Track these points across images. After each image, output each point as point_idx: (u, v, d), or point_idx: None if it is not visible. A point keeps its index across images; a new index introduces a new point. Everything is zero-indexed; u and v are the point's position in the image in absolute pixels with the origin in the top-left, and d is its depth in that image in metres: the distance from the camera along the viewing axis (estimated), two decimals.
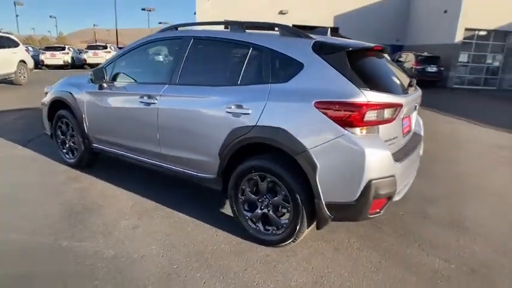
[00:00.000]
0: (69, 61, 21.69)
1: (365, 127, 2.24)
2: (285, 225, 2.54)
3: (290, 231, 2.50)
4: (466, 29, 16.99)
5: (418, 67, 16.04)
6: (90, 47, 23.21)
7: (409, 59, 17.32)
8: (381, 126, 2.32)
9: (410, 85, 2.83)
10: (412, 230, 3.01)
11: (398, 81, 2.72)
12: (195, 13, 22.99)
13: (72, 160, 4.10)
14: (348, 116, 2.20)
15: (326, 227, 2.47)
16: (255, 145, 2.55)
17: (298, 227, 2.45)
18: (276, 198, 2.54)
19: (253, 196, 2.66)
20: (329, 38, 2.74)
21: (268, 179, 2.53)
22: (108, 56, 21.56)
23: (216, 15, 20.58)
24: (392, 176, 2.31)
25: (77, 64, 22.30)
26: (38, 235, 2.69)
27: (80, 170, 4.05)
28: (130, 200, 3.38)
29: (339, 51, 2.40)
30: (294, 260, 2.51)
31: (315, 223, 2.46)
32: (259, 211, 2.65)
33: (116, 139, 3.54)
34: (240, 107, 2.56)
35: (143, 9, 52.02)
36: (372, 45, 2.68)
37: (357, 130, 2.22)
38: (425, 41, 19.21)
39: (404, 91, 2.66)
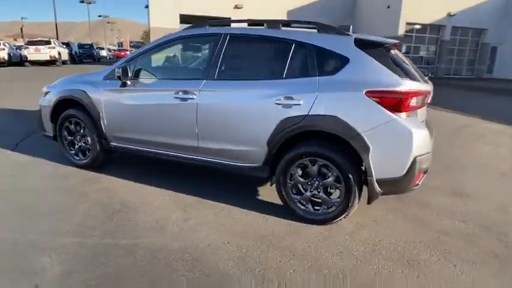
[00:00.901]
0: (6, 58, 19.72)
1: (409, 112, 2.58)
2: (336, 204, 2.81)
3: (342, 208, 2.78)
4: (407, 23, 18.58)
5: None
6: (30, 43, 21.29)
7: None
8: (418, 110, 2.69)
9: (425, 75, 3.24)
10: (428, 200, 3.46)
11: (417, 72, 3.11)
12: (146, 6, 22.21)
13: (84, 161, 3.97)
14: (397, 103, 2.52)
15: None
16: (304, 133, 2.77)
17: (350, 204, 2.74)
18: (327, 180, 2.79)
19: (302, 180, 2.89)
20: (362, 35, 3.02)
21: (319, 163, 2.78)
22: (53, 52, 20.04)
23: (171, 9, 20.13)
24: (429, 152, 2.69)
25: (14, 61, 20.38)
26: (89, 237, 2.65)
27: (91, 171, 3.94)
28: (165, 195, 3.41)
29: (377, 46, 2.71)
30: (346, 234, 2.80)
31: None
32: (309, 193, 2.90)
33: (141, 136, 3.53)
34: (290, 98, 2.76)
35: (82, 1, 48.54)
36: (396, 41, 3.03)
37: (403, 114, 2.55)
38: (371, 34, 20.58)
39: (425, 80, 3.05)
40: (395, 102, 2.52)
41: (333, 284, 2.22)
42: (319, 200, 2.90)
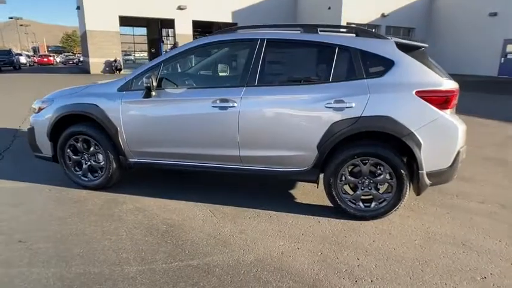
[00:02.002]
0: None
1: (452, 108, 2.83)
2: (387, 199, 2.97)
3: (394, 203, 2.95)
4: (347, 23, 19.81)
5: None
6: None
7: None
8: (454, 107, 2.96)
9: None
10: (447, 186, 3.80)
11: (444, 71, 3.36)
12: (78, 8, 20.59)
13: (96, 181, 3.62)
14: (444, 100, 2.76)
15: None
16: (356, 134, 2.88)
17: (402, 198, 2.92)
18: (379, 177, 2.94)
19: (353, 179, 3.00)
20: (398, 39, 3.19)
21: (371, 162, 2.92)
22: None
23: (108, 10, 18.95)
24: (465, 144, 2.98)
25: None
26: (155, 262, 2.46)
27: (104, 192, 3.62)
28: (203, 208, 3.28)
29: (417, 49, 2.92)
30: (397, 226, 2.98)
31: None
32: (359, 191, 3.02)
33: (169, 149, 3.33)
34: (341, 101, 2.85)
35: None
36: (426, 44, 3.25)
37: (448, 111, 2.80)
38: None
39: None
40: (442, 100, 2.75)
41: (421, 272, 2.36)
42: (369, 197, 3.04)
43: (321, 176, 3.12)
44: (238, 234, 2.86)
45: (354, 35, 3.11)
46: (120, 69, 20.67)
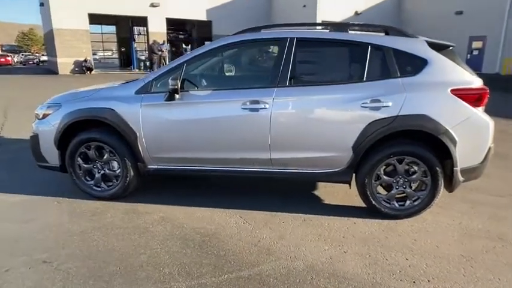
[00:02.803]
0: None
1: (483, 106, 2.89)
2: (421, 197, 2.98)
3: (428, 200, 2.97)
4: (323, 22, 20.07)
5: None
6: None
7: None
8: None
9: None
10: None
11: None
12: (42, 4, 19.44)
13: (111, 191, 3.38)
14: (477, 98, 2.80)
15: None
16: (393, 133, 2.86)
17: (436, 195, 2.94)
18: (414, 176, 2.94)
19: (387, 178, 2.99)
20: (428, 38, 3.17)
21: (407, 161, 2.91)
22: None
23: (76, 8, 18.06)
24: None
25: None
26: (203, 276, 2.31)
27: (121, 202, 3.39)
28: (234, 215, 3.15)
29: (447, 48, 2.95)
30: (431, 223, 3.00)
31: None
32: (394, 191, 3.01)
33: (195, 154, 3.17)
34: (377, 101, 2.82)
35: None
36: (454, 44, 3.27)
37: (481, 108, 2.85)
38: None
39: None
40: (476, 98, 2.79)
41: (471, 269, 2.38)
42: (403, 195, 3.04)
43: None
44: (279, 240, 2.76)
45: (383, 33, 3.09)
46: (91, 69, 19.74)
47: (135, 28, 24.43)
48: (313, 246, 2.68)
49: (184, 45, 25.86)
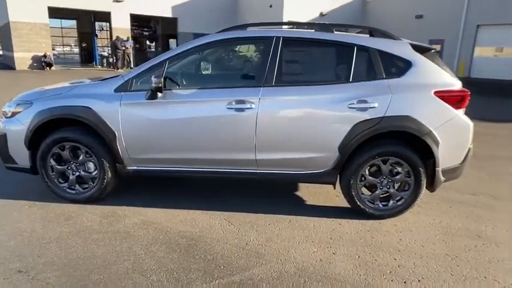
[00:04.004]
0: None
1: (464, 108, 2.99)
2: (405, 197, 3.05)
3: (411, 200, 3.04)
4: (289, 21, 20.21)
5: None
6: None
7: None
8: None
9: None
10: None
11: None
12: None
13: (86, 194, 3.18)
14: (459, 100, 2.90)
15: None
16: (378, 134, 2.90)
17: (419, 195, 3.02)
18: (397, 176, 3.00)
19: (372, 179, 3.03)
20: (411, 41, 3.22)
21: (391, 161, 2.97)
22: None
23: (35, 0, 17.08)
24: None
25: None
26: (190, 283, 2.21)
27: (96, 205, 3.20)
28: (218, 217, 3.07)
29: (429, 50, 3.03)
30: (413, 223, 3.08)
31: None
32: (378, 191, 3.06)
33: (176, 155, 3.05)
34: (364, 102, 2.85)
35: None
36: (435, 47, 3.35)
37: (462, 110, 2.95)
38: None
39: None
40: (457, 100, 2.89)
41: (458, 268, 2.45)
42: (386, 196, 3.09)
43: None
44: (266, 243, 2.72)
45: (368, 35, 3.12)
46: (51, 65, 18.65)
47: (97, 23, 23.43)
48: (301, 248, 2.66)
49: (148, 42, 25.17)
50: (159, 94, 2.91)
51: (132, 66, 19.39)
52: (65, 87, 3.19)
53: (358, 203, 3.06)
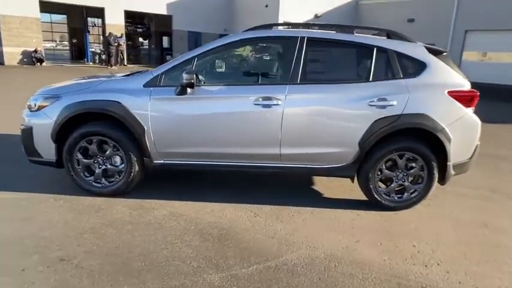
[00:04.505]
0: None
1: (473, 106, 3.21)
2: (418, 190, 3.25)
3: (424, 193, 3.24)
4: (284, 22, 20.46)
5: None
6: None
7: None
8: None
9: None
10: None
11: None
12: None
13: (113, 187, 3.27)
14: (470, 100, 3.11)
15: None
16: (396, 131, 3.08)
17: (432, 188, 3.22)
18: (412, 170, 3.20)
19: (389, 172, 3.22)
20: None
21: (406, 156, 3.16)
22: None
23: None
24: None
25: None
26: (230, 269, 2.35)
27: (125, 198, 3.29)
28: (243, 209, 3.20)
29: (442, 53, 3.24)
30: (425, 214, 3.28)
31: None
32: (394, 184, 3.25)
33: (203, 149, 3.17)
34: (383, 100, 3.03)
35: None
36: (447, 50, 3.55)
37: (471, 109, 3.17)
38: None
39: None
40: (468, 99, 3.11)
41: (471, 253, 2.66)
42: (400, 188, 3.28)
43: None
44: (293, 232, 2.87)
45: (385, 37, 3.31)
46: (42, 61, 18.31)
47: (90, 19, 23.09)
48: (327, 237, 2.82)
49: (141, 39, 24.94)
50: (189, 90, 3.02)
51: (125, 63, 19.24)
52: (93, 82, 3.26)
53: (376, 195, 3.24)
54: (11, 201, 3.16)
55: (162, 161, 3.25)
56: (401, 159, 3.17)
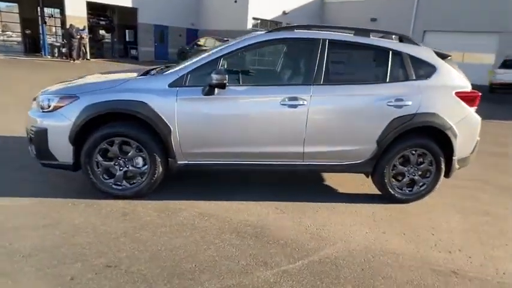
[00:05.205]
0: None
1: (476, 106, 3.51)
2: (427, 183, 3.51)
3: (432, 186, 3.51)
4: (253, 18, 20.53)
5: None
6: None
7: (208, 43, 19.34)
8: None
9: None
10: None
11: None
12: None
13: (135, 189, 3.19)
14: (472, 99, 3.41)
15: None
16: (411, 129, 3.31)
17: (438, 181, 3.50)
18: (422, 165, 3.45)
19: (402, 167, 3.45)
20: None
21: (418, 152, 3.40)
22: None
23: None
24: None
25: None
26: (279, 265, 2.43)
27: (147, 199, 3.22)
28: (267, 206, 3.28)
29: (447, 57, 3.51)
30: (432, 205, 3.56)
31: None
32: (406, 178, 3.48)
33: (229, 149, 3.19)
34: (400, 100, 3.23)
35: None
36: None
37: (474, 108, 3.47)
38: (219, 26, 21.68)
39: None
40: (471, 99, 3.41)
41: (484, 238, 2.95)
42: (409, 182, 3.53)
43: None
44: (323, 227, 3.00)
45: (398, 40, 3.52)
46: None
47: (46, 9, 21.59)
48: (355, 230, 2.99)
49: (104, 32, 23.80)
50: (216, 90, 3.02)
51: (88, 57, 18.29)
52: (114, 81, 3.15)
53: (390, 189, 3.46)
54: (27, 207, 2.99)
55: (187, 162, 3.22)
56: (414, 155, 3.41)
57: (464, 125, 3.40)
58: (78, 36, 17.64)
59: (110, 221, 2.86)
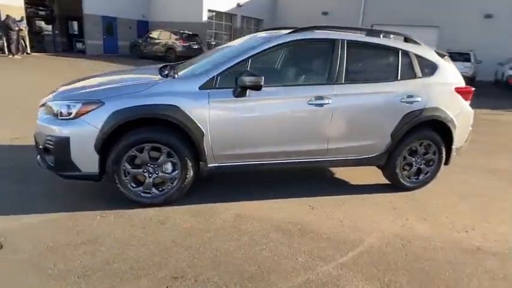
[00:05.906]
0: None
1: (470, 100, 3.91)
2: (430, 171, 3.86)
3: (434, 173, 3.87)
4: (209, 10, 20.16)
5: (184, 44, 17.80)
6: None
7: (163, 36, 18.73)
8: None
9: None
10: None
11: None
12: None
13: (165, 195, 3.11)
14: (467, 94, 3.81)
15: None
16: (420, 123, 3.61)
17: (439, 169, 3.87)
18: (427, 155, 3.78)
19: (410, 158, 3.75)
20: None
21: (424, 143, 3.73)
22: None
23: None
24: None
25: None
26: (333, 260, 2.56)
27: (174, 205, 3.15)
28: (298, 203, 3.39)
29: (444, 56, 3.86)
30: (435, 190, 3.92)
31: None
32: (414, 168, 3.80)
33: (259, 149, 3.24)
34: (411, 96, 3.52)
35: None
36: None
37: (468, 102, 3.87)
38: (172, 18, 20.97)
39: None
40: (467, 93, 3.80)
41: (490, 216, 3.35)
42: (416, 171, 3.86)
43: None
44: (355, 220, 3.18)
45: (403, 41, 3.79)
46: None
47: None
48: (383, 219, 3.22)
49: (43, 24, 21.77)
50: (248, 91, 3.04)
51: (29, 51, 16.66)
52: (141, 85, 3.01)
53: (400, 179, 3.76)
54: (56, 222, 2.78)
55: (217, 164, 3.21)
56: (420, 146, 3.73)
57: (462, 117, 3.80)
58: (17, 28, 15.98)
59: (151, 231, 2.77)
